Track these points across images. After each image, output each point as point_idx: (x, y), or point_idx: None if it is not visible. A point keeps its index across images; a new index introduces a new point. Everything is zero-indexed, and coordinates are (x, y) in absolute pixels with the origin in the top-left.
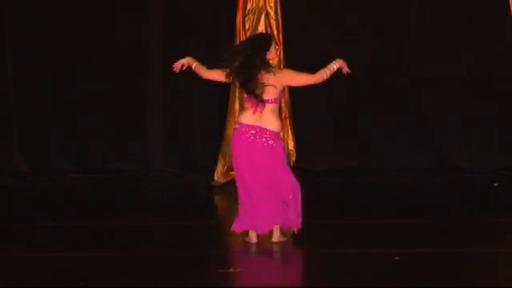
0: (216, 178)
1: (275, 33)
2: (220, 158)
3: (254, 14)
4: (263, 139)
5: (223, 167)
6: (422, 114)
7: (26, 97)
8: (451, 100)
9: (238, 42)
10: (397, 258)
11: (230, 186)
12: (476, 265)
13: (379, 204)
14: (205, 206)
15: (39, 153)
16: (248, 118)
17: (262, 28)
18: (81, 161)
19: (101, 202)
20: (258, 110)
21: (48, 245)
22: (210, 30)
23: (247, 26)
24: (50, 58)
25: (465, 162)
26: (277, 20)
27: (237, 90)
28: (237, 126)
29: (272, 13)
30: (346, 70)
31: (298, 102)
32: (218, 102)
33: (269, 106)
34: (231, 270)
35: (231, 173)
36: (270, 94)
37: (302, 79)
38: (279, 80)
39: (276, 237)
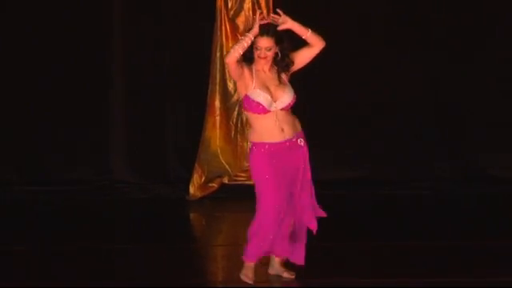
0: (192, 191)
1: (265, 11)
2: (197, 166)
3: None
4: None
5: (200, 178)
6: (446, 115)
7: None
8: (480, 100)
9: (218, 24)
10: None
11: (209, 202)
12: None
13: (392, 222)
14: (179, 225)
15: None
16: None
17: (248, 6)
18: (28, 171)
19: (50, 219)
20: None
21: None
22: (188, 13)
23: (230, 5)
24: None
25: (496, 171)
26: None
27: (217, 85)
28: None
29: None
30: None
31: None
32: (195, 99)
33: None
34: None
35: (210, 185)
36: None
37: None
38: None
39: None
